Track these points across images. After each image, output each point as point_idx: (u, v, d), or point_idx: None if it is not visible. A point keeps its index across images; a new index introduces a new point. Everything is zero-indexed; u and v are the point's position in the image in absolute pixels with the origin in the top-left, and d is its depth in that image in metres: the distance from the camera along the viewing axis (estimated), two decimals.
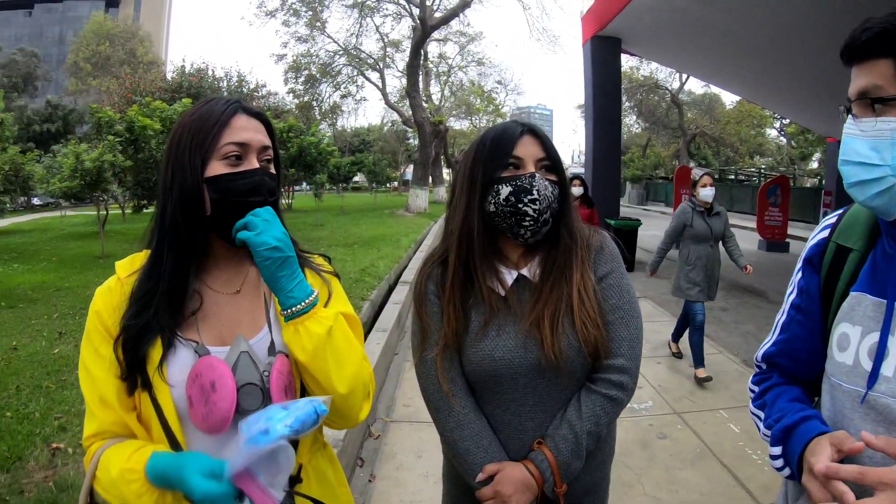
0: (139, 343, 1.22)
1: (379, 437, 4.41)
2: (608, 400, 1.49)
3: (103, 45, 44.57)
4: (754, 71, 13.75)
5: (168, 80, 24.43)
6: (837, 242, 1.24)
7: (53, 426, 4.16)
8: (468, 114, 45.26)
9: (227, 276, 1.38)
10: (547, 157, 1.52)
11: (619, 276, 1.58)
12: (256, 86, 26.90)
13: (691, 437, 4.52)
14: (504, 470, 1.48)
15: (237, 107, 1.31)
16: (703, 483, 3.82)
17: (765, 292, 10.67)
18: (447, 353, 1.55)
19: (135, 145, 13.52)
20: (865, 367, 1.08)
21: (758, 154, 52.95)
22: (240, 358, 1.26)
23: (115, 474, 1.18)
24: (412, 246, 14.83)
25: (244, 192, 1.27)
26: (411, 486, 3.76)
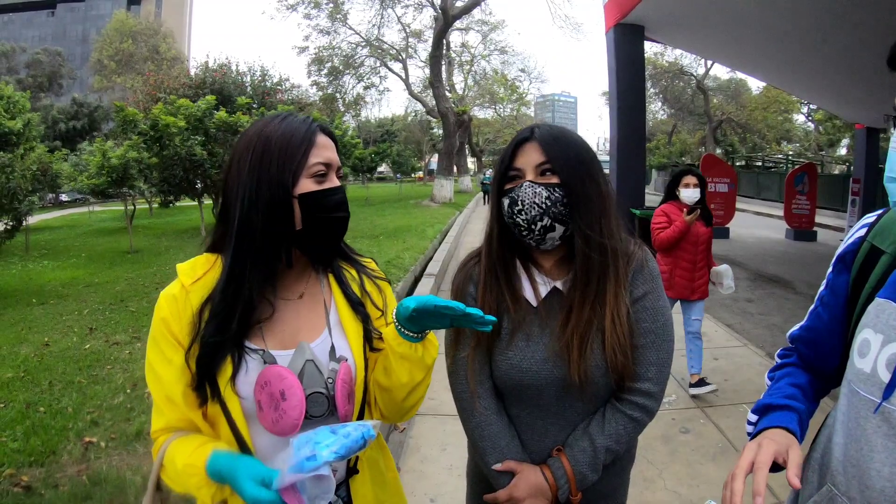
0: (213, 357, 1.28)
1: (404, 430, 4.45)
2: (631, 420, 1.52)
3: (126, 43, 45.02)
4: (780, 57, 13.51)
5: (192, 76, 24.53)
6: (872, 243, 1.22)
7: (86, 421, 4.26)
8: (492, 103, 45.07)
9: (293, 284, 1.44)
10: (547, 160, 1.49)
11: (656, 298, 1.56)
12: (280, 80, 26.96)
13: (714, 431, 4.50)
14: (521, 472, 1.52)
15: (318, 127, 1.39)
16: (724, 478, 3.76)
17: (792, 283, 10.53)
18: (478, 354, 1.58)
19: (160, 142, 13.68)
20: (882, 377, 1.06)
21: (785, 140, 52.13)
22: (305, 366, 1.32)
23: (180, 467, 1.26)
24: (437, 237, 14.84)
25: (331, 208, 1.35)
26: (435, 478, 3.79)
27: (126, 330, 6.85)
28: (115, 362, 5.57)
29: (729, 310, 8.38)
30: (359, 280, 1.53)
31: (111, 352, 5.91)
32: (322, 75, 36.33)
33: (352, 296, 1.48)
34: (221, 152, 14.68)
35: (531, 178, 1.49)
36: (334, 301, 1.46)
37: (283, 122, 1.36)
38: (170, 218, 20.50)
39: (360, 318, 1.47)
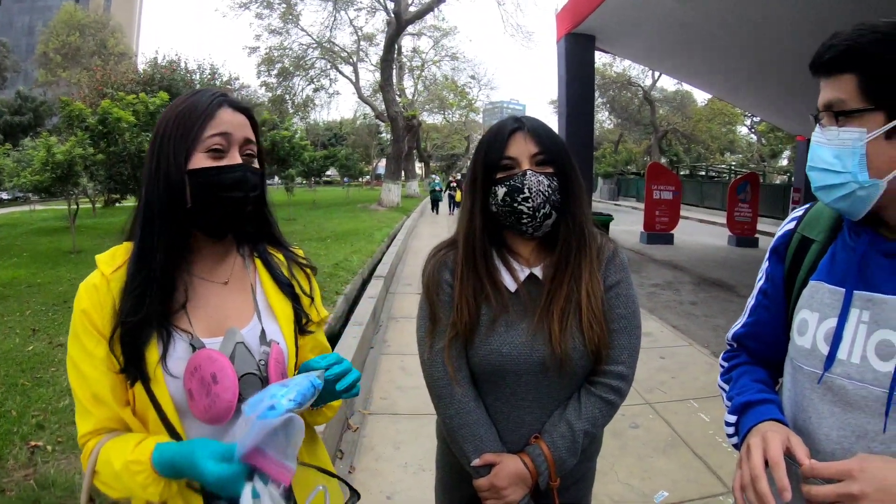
0: (137, 338, 1.22)
1: (357, 429, 4.43)
2: (606, 403, 1.56)
3: (73, 36, 43.62)
4: (725, 70, 13.93)
5: (140, 72, 23.95)
6: (802, 234, 1.32)
7: (31, 424, 4.11)
8: (441, 108, 45.15)
9: (214, 265, 1.38)
10: (541, 150, 1.53)
11: (628, 286, 1.63)
12: (229, 79, 26.58)
13: (663, 426, 4.61)
14: (501, 462, 1.53)
15: (223, 99, 1.31)
16: (675, 470, 3.91)
17: (734, 287, 10.85)
18: (456, 343, 1.59)
19: (107, 138, 13.31)
20: (822, 350, 1.17)
21: (728, 151, 53.61)
22: (236, 349, 1.27)
23: (119, 467, 1.18)
24: (385, 240, 14.83)
25: (226, 187, 1.26)
26: (390, 476, 3.79)
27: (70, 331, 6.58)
28: (59, 364, 5.35)
29: (674, 312, 8.60)
30: (286, 264, 1.50)
31: (55, 353, 5.68)
32: (272, 76, 35.90)
33: (280, 277, 1.45)
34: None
35: (530, 168, 1.52)
36: (261, 285, 1.42)
37: (189, 97, 1.31)
38: (114, 218, 19.84)
39: (289, 300, 1.44)
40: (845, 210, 1.14)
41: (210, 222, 1.29)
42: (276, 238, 1.51)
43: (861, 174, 1.07)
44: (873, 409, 1.08)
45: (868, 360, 1.10)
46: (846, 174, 1.08)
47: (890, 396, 1.06)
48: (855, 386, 1.11)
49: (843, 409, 1.13)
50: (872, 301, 1.11)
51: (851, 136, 1.07)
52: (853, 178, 1.08)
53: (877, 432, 1.07)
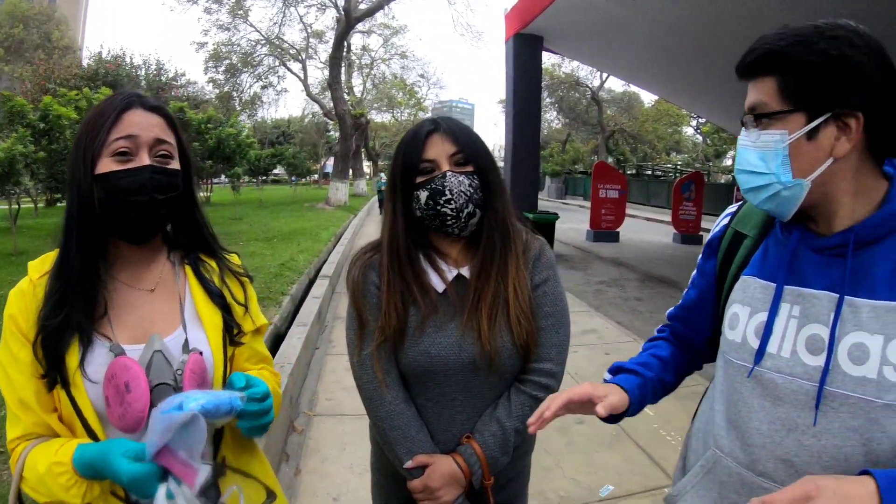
0: (58, 341, 1.22)
1: (303, 431, 4.36)
2: (535, 401, 1.55)
3: (17, 28, 41.92)
4: (671, 72, 14.23)
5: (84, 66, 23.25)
6: (735, 229, 1.35)
7: None
8: (390, 107, 45.20)
9: (140, 272, 1.37)
10: (459, 150, 1.53)
11: (555, 283, 1.64)
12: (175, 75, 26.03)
13: None
14: (434, 463, 1.52)
15: (132, 100, 1.29)
16: (620, 464, 3.95)
17: (679, 283, 11.06)
18: (384, 347, 1.57)
19: (49, 136, 12.86)
20: (752, 344, 1.19)
21: (674, 151, 54.86)
22: (153, 357, 1.26)
23: (43, 470, 1.18)
24: (332, 240, 14.71)
25: (129, 191, 1.25)
26: (337, 477, 3.75)
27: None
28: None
29: (619, 308, 8.73)
30: (219, 272, 1.48)
31: None
32: (219, 72, 35.33)
33: (210, 287, 1.44)
34: None
35: (449, 168, 1.51)
36: (190, 293, 1.41)
37: (104, 101, 1.30)
38: (56, 218, 19.15)
39: (219, 309, 1.42)
40: (773, 211, 1.16)
41: (119, 227, 1.29)
42: (208, 244, 1.48)
43: (784, 175, 1.09)
44: (803, 402, 1.10)
45: (798, 354, 1.12)
46: (770, 175, 1.11)
47: (820, 390, 1.07)
48: (785, 380, 1.13)
49: (772, 403, 1.15)
50: (802, 296, 1.13)
51: (773, 137, 1.10)
52: (777, 179, 1.10)
53: (807, 426, 1.08)
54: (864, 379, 1.03)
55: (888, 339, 1.02)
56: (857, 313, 1.06)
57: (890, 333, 1.02)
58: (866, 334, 1.04)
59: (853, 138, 1.05)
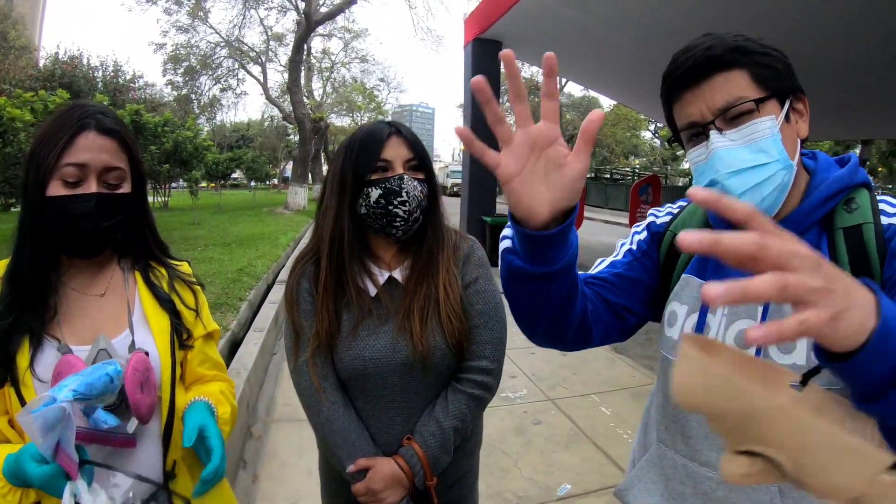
0: (7, 342, 1.26)
1: (260, 437, 4.33)
2: (472, 399, 1.58)
3: None
4: (628, 77, 14.42)
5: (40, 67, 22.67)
6: (674, 233, 1.34)
7: None
8: (349, 111, 44.94)
9: (90, 279, 1.41)
10: (414, 156, 1.56)
11: (486, 281, 1.66)
12: (133, 76, 25.54)
13: (565, 421, 4.71)
14: (375, 466, 1.52)
15: (87, 123, 1.30)
16: (578, 463, 4.00)
17: None
18: (320, 353, 1.57)
19: (2, 138, 12.52)
20: None
21: (633, 154, 55.54)
22: (98, 356, 1.29)
23: None
24: (291, 244, 14.56)
25: (75, 217, 1.28)
26: (295, 483, 3.73)
27: None
28: None
29: None
30: (168, 279, 1.51)
31: None
32: (178, 74, 34.79)
33: (159, 292, 1.47)
34: None
35: (403, 172, 1.53)
36: (139, 298, 1.44)
37: (61, 113, 1.32)
38: (8, 224, 18.74)
39: (167, 314, 1.45)
40: (771, 205, 1.11)
41: (67, 246, 1.33)
42: (155, 254, 1.52)
43: (787, 158, 1.07)
44: None
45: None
46: (776, 162, 1.07)
47: None
48: None
49: None
50: None
51: (766, 125, 1.07)
52: (783, 164, 1.07)
53: None
54: (794, 366, 1.06)
55: None
56: (782, 307, 1.08)
57: None
58: None
59: (806, 119, 1.11)
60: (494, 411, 4.68)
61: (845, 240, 1.07)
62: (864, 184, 1.12)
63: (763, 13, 7.54)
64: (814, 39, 8.27)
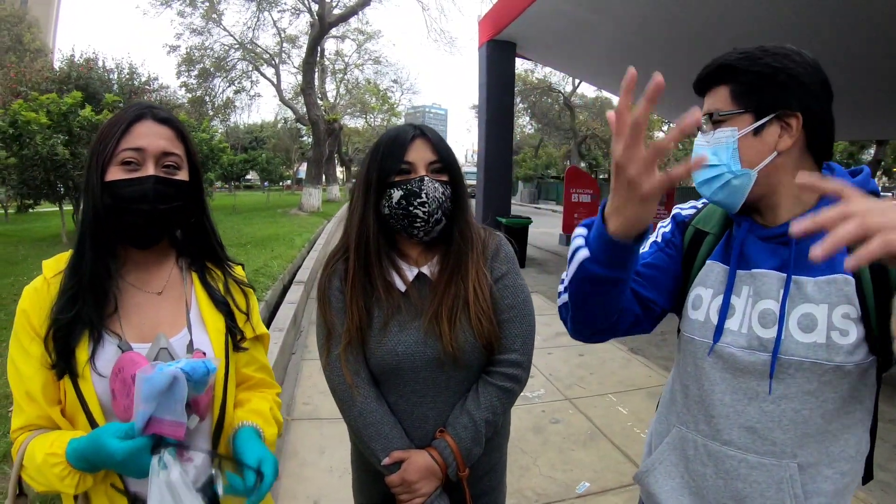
0: (68, 335, 1.28)
1: (281, 435, 4.35)
2: (503, 391, 1.62)
3: None
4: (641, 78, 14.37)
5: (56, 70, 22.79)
6: (696, 227, 1.47)
7: None
8: (363, 112, 45.02)
9: (148, 275, 1.44)
10: (438, 159, 1.59)
11: (515, 276, 1.69)
12: (148, 79, 25.60)
13: (583, 420, 4.74)
14: (410, 458, 1.56)
15: (144, 112, 1.36)
16: (596, 461, 4.03)
17: None
18: (351, 349, 1.61)
19: (19, 141, 12.66)
20: (713, 321, 1.32)
21: None
22: (159, 354, 1.33)
23: (40, 460, 1.23)
24: (306, 245, 14.62)
25: (131, 199, 1.31)
26: (316, 481, 3.77)
27: None
28: None
29: None
30: (223, 280, 1.54)
31: None
32: (192, 77, 34.95)
33: (215, 294, 1.50)
34: (85, 153, 13.70)
35: (426, 174, 1.57)
36: (196, 298, 1.47)
37: (120, 111, 1.38)
38: (27, 224, 18.79)
39: (222, 315, 1.48)
40: (723, 201, 1.30)
41: (124, 232, 1.36)
42: (215, 253, 1.55)
43: (734, 164, 1.25)
44: (761, 372, 1.23)
45: (753, 328, 1.25)
46: (722, 166, 1.26)
47: (773, 358, 1.20)
48: (743, 353, 1.26)
49: (733, 375, 1.29)
50: (753, 276, 1.27)
51: (725, 134, 1.26)
52: (728, 169, 1.25)
53: (766, 393, 1.23)
54: (815, 344, 1.18)
55: (832, 307, 1.17)
56: (801, 289, 1.20)
57: (833, 302, 1.17)
58: (813, 305, 1.19)
59: (794, 135, 1.21)
60: (513, 410, 4.59)
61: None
62: (874, 192, 1.24)
63: (777, 15, 7.54)
64: (828, 40, 8.26)
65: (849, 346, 1.16)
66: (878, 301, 1.15)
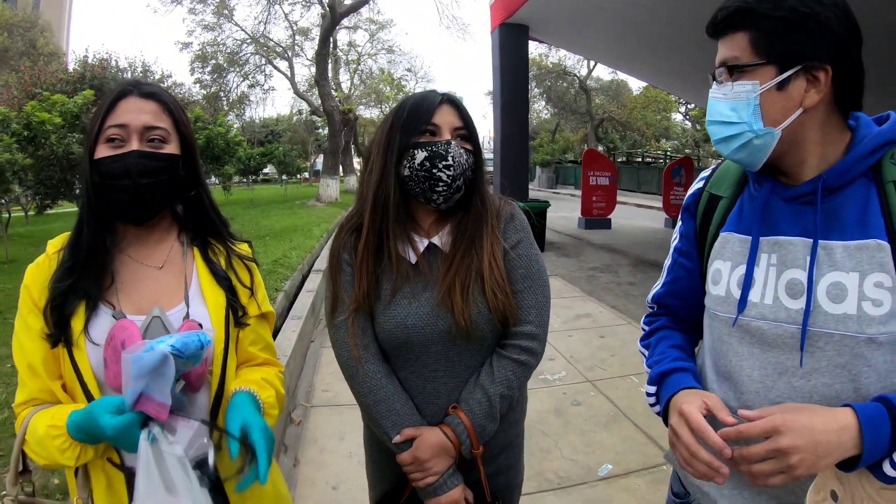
0: (64, 304, 1.32)
1: (300, 422, 4.40)
2: (518, 364, 1.56)
3: (2, 36, 41.51)
4: (657, 58, 14.25)
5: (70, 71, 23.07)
6: (710, 192, 1.40)
7: None
8: (378, 102, 44.84)
9: (148, 250, 1.46)
10: (464, 126, 1.56)
11: (528, 245, 1.64)
12: (162, 76, 25.84)
13: (604, 402, 4.70)
14: (422, 435, 1.51)
15: (129, 89, 1.38)
16: (618, 443, 4.00)
17: None
18: (359, 318, 1.57)
19: (34, 142, 12.79)
20: (735, 295, 1.25)
21: (664, 137, 54.70)
22: (151, 322, 1.34)
23: (42, 433, 1.26)
24: (324, 235, 14.69)
25: (114, 175, 1.33)
26: (335, 467, 3.78)
27: (6, 343, 6.20)
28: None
29: (613, 293, 8.75)
30: (226, 255, 1.55)
31: None
32: (205, 73, 35.15)
33: (216, 269, 1.51)
34: None
35: (450, 139, 1.54)
36: (196, 272, 1.48)
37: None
38: (47, 225, 19.03)
39: (223, 290, 1.49)
40: (744, 160, 1.22)
41: (114, 208, 1.38)
42: (216, 228, 1.56)
43: (756, 123, 1.15)
44: (790, 345, 1.16)
45: (780, 299, 1.18)
46: (742, 124, 1.17)
47: (803, 331, 1.13)
48: (770, 325, 1.19)
49: (761, 350, 1.21)
50: (778, 244, 1.20)
51: (745, 88, 1.16)
52: (749, 128, 1.16)
53: (797, 367, 1.15)
54: (845, 316, 1.10)
55: (863, 275, 1.09)
56: (831, 255, 1.12)
57: (864, 270, 1.09)
58: (842, 273, 1.11)
59: (822, 90, 1.12)
60: (534, 393, 4.66)
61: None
62: None
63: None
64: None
65: (882, 316, 1.07)
66: None
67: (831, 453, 1.01)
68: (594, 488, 3.50)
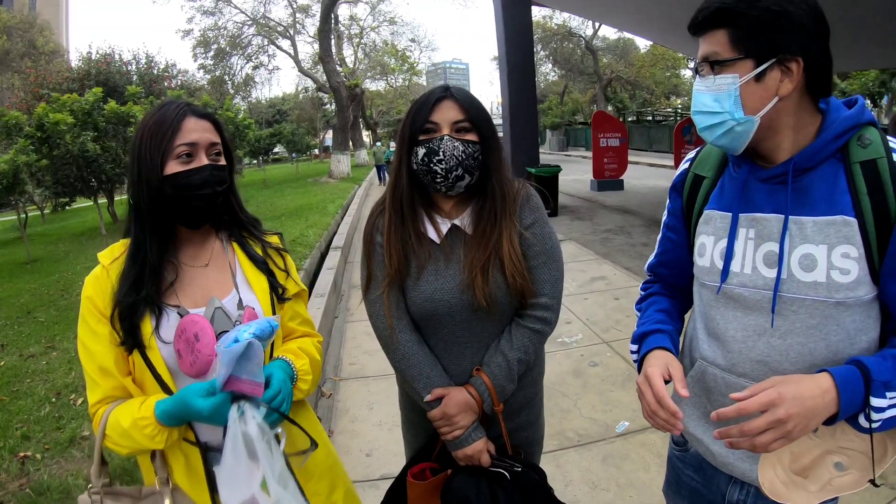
0: (133, 314, 1.46)
1: (331, 395, 4.57)
2: (534, 332, 1.76)
3: (1, 39, 41.57)
4: (662, 15, 14.02)
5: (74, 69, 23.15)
6: (694, 172, 1.55)
7: (16, 437, 4.12)
8: (383, 74, 44.64)
9: (195, 252, 1.63)
10: (465, 118, 1.69)
11: (543, 224, 1.79)
12: (167, 66, 25.80)
13: (620, 362, 4.86)
14: (449, 394, 1.71)
15: (186, 110, 1.53)
16: (634, 401, 4.09)
17: None
18: (392, 293, 1.76)
19: (48, 143, 12.96)
20: (718, 266, 1.42)
21: (673, 95, 54.03)
22: (215, 313, 1.52)
23: (128, 425, 1.42)
24: (339, 212, 14.76)
25: (195, 186, 1.50)
26: (368, 435, 3.95)
27: (39, 342, 6.51)
28: (33, 375, 5.35)
29: (627, 255, 8.83)
30: (261, 246, 1.72)
31: (27, 365, 5.67)
32: (208, 58, 35.09)
33: (254, 255, 1.69)
34: (115, 146, 14.01)
35: (448, 133, 1.67)
36: (238, 263, 1.66)
37: (158, 110, 1.54)
38: (63, 223, 19.31)
39: (264, 274, 1.67)
40: (727, 145, 1.35)
41: (188, 216, 1.54)
42: (248, 228, 1.74)
43: (737, 112, 1.28)
44: (767, 309, 1.33)
45: (758, 269, 1.35)
46: (725, 113, 1.29)
47: (774, 296, 1.30)
48: (750, 292, 1.36)
49: (743, 313, 1.38)
50: (755, 220, 1.35)
51: (726, 80, 1.28)
52: (731, 117, 1.29)
53: (774, 328, 1.32)
54: (816, 283, 1.26)
55: (831, 247, 1.24)
56: (802, 229, 1.27)
57: (832, 243, 1.24)
58: (812, 245, 1.26)
59: (795, 80, 1.24)
60: (552, 356, 4.81)
61: (863, 173, 1.25)
62: (871, 122, 1.29)
63: None
64: None
65: (850, 283, 1.23)
66: (879, 238, 1.22)
67: (819, 415, 1.17)
68: (612, 444, 3.65)
